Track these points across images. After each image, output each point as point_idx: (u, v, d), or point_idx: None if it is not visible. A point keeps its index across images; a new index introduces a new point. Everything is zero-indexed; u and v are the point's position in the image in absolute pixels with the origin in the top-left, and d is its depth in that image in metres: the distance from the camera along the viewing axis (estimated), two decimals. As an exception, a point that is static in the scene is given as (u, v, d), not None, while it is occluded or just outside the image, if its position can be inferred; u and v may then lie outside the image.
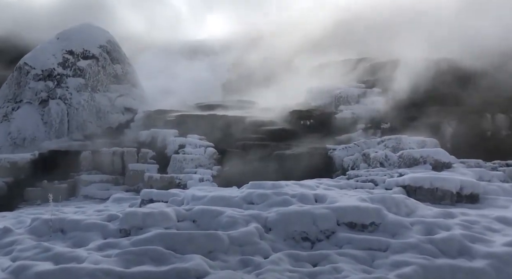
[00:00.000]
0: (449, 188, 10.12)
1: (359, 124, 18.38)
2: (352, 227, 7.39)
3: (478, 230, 7.06)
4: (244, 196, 8.76)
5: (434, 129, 17.42)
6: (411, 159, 12.78)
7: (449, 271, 5.74)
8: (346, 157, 14.54)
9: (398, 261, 6.01)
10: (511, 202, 9.65)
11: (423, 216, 7.86)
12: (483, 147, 16.26)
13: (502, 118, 18.13)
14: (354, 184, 11.69)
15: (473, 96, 18.62)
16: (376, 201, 8.28)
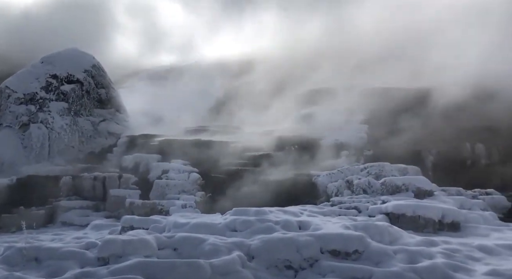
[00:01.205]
0: (431, 216, 10.23)
1: (343, 151, 18.57)
2: (335, 255, 7.34)
3: (460, 259, 7.10)
4: (227, 223, 8.65)
5: (416, 157, 17.75)
6: (393, 186, 12.90)
7: (432, 301, 5.72)
8: (330, 183, 14.59)
9: (381, 291, 5.96)
10: (491, 231, 9.80)
11: (406, 244, 7.88)
12: (463, 176, 16.59)
13: (481, 147, 18.61)
14: (337, 211, 11.70)
15: (453, 126, 19.13)
16: (360, 229, 8.27)
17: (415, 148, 18.25)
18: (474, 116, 19.02)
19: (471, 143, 18.48)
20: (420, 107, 20.14)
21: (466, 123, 18.92)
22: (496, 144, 18.42)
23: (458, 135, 18.50)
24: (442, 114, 20.16)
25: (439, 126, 19.31)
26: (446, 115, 20.03)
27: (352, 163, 17.33)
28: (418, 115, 20.41)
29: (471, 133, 18.51)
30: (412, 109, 20.51)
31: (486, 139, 18.50)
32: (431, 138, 18.78)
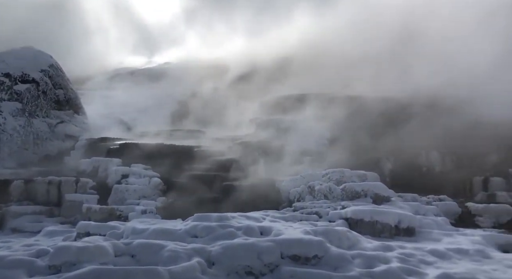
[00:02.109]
0: (388, 222, 10.56)
1: (306, 157, 18.85)
2: (296, 260, 7.40)
3: (414, 263, 7.37)
4: (188, 229, 8.51)
5: (375, 163, 18.32)
6: (353, 192, 13.22)
7: (387, 304, 5.88)
8: (293, 189, 14.74)
9: (339, 295, 6.07)
10: (443, 235, 10.24)
11: (363, 249, 8.08)
12: (419, 182, 17.28)
13: (436, 155, 19.51)
14: (299, 216, 11.85)
15: (410, 134, 19.94)
16: (320, 234, 8.41)
17: (375, 155, 18.84)
18: (430, 125, 19.92)
19: (426, 151, 19.33)
20: (380, 115, 20.84)
21: (422, 131, 19.78)
22: (449, 152, 19.37)
23: (414, 143, 19.30)
24: (400, 122, 20.97)
25: (397, 134, 20.06)
26: (404, 124, 20.86)
27: (315, 169, 17.62)
28: (378, 122, 21.12)
29: (426, 141, 19.34)
30: (373, 117, 21.21)
31: (440, 147, 19.41)
32: (390, 145, 19.48)
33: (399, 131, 20.38)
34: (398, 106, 21.78)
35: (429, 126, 19.82)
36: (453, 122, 19.33)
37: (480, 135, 18.87)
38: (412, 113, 20.90)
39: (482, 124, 19.08)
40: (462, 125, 19.43)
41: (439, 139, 19.38)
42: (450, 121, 19.52)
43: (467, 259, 8.04)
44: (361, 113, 21.81)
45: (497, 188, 16.48)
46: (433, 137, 19.40)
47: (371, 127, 20.88)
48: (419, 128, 20.20)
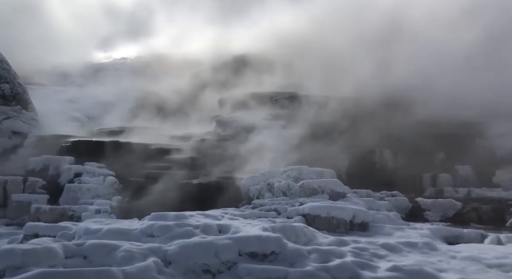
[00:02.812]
0: (343, 217, 10.89)
1: (266, 154, 18.98)
2: (253, 257, 7.43)
3: (367, 257, 7.62)
4: (144, 229, 8.30)
5: (332, 161, 18.79)
6: (310, 189, 13.49)
7: (341, 297, 6.05)
8: (252, 186, 14.80)
9: (295, 290, 6.17)
10: (395, 230, 10.70)
11: (319, 244, 8.25)
12: (373, 179, 17.95)
13: (389, 153, 20.35)
14: (258, 213, 11.93)
15: (365, 133, 20.64)
16: (277, 230, 8.49)
17: (331, 152, 19.32)
18: (384, 124, 20.73)
19: (380, 148, 20.10)
20: (337, 114, 21.39)
21: (377, 130, 20.55)
22: (401, 150, 20.26)
23: (369, 141, 20.00)
24: (356, 121, 21.65)
25: (353, 132, 20.70)
26: (359, 122, 21.56)
27: (274, 166, 17.79)
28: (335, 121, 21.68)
29: (380, 139, 20.11)
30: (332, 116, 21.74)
31: (392, 145, 20.26)
32: (346, 143, 20.06)
33: (355, 129, 21.05)
34: (355, 105, 22.48)
35: (383, 125, 20.62)
36: (405, 121, 20.24)
37: (429, 134, 19.91)
38: (367, 112, 21.64)
39: (432, 124, 20.14)
40: (414, 125, 20.40)
41: (392, 137, 20.22)
42: (403, 120, 20.43)
43: (416, 251, 8.44)
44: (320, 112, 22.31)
45: (445, 184, 17.47)
46: (386, 135, 20.21)
47: (329, 125, 21.40)
48: (374, 127, 20.98)
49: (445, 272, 6.97)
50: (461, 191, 16.45)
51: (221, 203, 13.93)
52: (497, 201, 14.11)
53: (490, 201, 14.17)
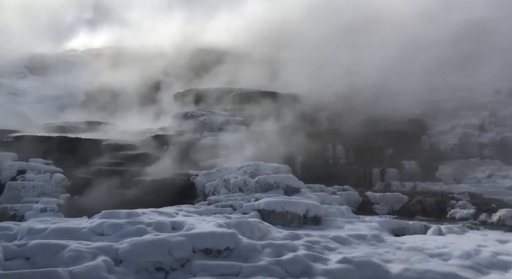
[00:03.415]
0: (297, 212, 11.13)
1: (222, 151, 18.93)
2: (208, 253, 7.42)
3: (318, 250, 7.85)
4: (94, 227, 8.02)
5: (288, 156, 19.11)
6: (266, 184, 13.64)
7: (293, 290, 6.20)
8: (208, 183, 14.72)
9: (248, 285, 6.24)
10: (345, 223, 11.10)
11: (274, 238, 8.39)
12: (326, 174, 18.47)
13: (341, 148, 21.01)
14: (214, 209, 11.91)
15: (318, 129, 21.17)
16: (232, 226, 8.53)
17: (288, 148, 19.64)
18: (337, 121, 21.38)
19: (333, 144, 20.71)
20: (291, 110, 21.76)
21: (330, 126, 21.16)
22: (352, 146, 21.00)
23: (322, 137, 20.55)
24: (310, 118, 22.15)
25: (308, 128, 21.16)
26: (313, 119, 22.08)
27: (231, 162, 17.79)
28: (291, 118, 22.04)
29: (333, 135, 20.72)
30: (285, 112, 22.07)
31: (344, 141, 20.95)
32: (301, 139, 20.47)
33: (310, 126, 21.54)
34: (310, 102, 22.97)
35: (336, 121, 21.26)
36: (357, 118, 21.00)
37: (379, 130, 20.80)
38: (321, 109, 22.20)
39: (381, 121, 21.04)
40: (364, 122, 21.21)
41: (344, 134, 20.91)
42: (354, 117, 21.17)
43: (365, 243, 8.82)
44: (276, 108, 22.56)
45: (392, 178, 18.33)
46: (339, 132, 20.87)
47: (285, 122, 21.71)
48: (327, 124, 21.58)
49: (391, 263, 7.34)
50: (407, 185, 17.33)
51: (175, 200, 13.71)
52: (439, 194, 15.03)
53: (433, 195, 15.08)
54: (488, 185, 16.24)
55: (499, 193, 14.79)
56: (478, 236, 10.02)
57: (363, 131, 20.54)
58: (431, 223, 11.28)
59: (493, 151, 19.90)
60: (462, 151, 20.37)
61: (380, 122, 20.95)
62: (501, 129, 20.66)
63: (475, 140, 20.48)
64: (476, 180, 17.17)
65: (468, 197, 14.12)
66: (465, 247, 8.18)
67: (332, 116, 21.59)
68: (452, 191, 15.31)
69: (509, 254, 7.89)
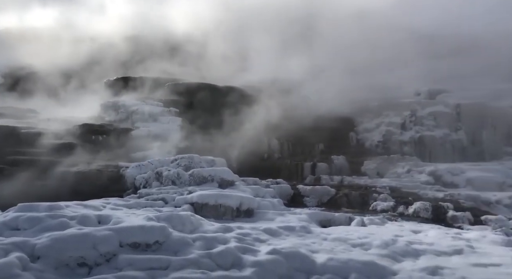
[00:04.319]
0: (230, 205, 11.18)
1: (155, 142, 18.38)
2: (136, 247, 7.16)
3: (249, 242, 7.96)
4: (7, 221, 7.36)
5: (224, 149, 19.13)
6: (200, 177, 13.52)
7: (223, 282, 6.23)
8: (139, 175, 14.21)
9: (177, 278, 6.14)
10: (277, 215, 11.39)
11: (205, 231, 8.34)
12: (261, 167, 18.82)
13: (276, 143, 21.52)
14: (144, 203, 11.53)
15: (254, 123, 21.43)
16: (163, 220, 8.33)
17: (224, 141, 19.65)
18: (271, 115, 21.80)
19: (268, 138, 21.12)
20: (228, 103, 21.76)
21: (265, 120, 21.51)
22: (287, 140, 21.60)
23: (258, 131, 20.85)
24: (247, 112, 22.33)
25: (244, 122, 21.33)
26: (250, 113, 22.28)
27: (164, 154, 17.35)
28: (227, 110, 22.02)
29: (268, 130, 21.12)
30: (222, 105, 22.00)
31: (279, 136, 21.47)
32: (237, 132, 20.59)
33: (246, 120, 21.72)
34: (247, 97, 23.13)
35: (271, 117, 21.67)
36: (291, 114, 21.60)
37: (311, 126, 21.61)
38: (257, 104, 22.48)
39: (313, 117, 21.86)
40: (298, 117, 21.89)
41: (279, 128, 21.43)
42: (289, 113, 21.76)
43: (294, 235, 9.11)
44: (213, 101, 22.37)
45: (322, 172, 19.18)
46: (273, 126, 21.32)
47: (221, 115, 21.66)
48: (262, 118, 21.92)
49: (317, 253, 7.67)
50: (335, 179, 18.24)
51: (103, 193, 13.06)
52: (363, 188, 16.02)
53: (358, 188, 16.03)
54: (406, 179, 17.65)
55: (416, 187, 16.15)
56: (396, 226, 10.84)
57: (297, 127, 21.21)
58: (355, 215, 11.96)
59: (412, 148, 21.68)
60: (385, 148, 21.94)
61: (312, 119, 21.76)
62: (420, 128, 22.54)
63: (397, 138, 22.15)
64: (396, 175, 18.57)
65: (388, 191, 15.21)
66: (384, 237, 8.80)
67: (268, 110, 21.97)
68: (375, 185, 16.40)
69: (421, 243, 8.64)
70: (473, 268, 7.05)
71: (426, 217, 12.41)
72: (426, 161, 20.22)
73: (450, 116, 22.76)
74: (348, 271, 6.86)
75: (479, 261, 7.43)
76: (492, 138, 22.11)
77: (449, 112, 22.87)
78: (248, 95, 22.61)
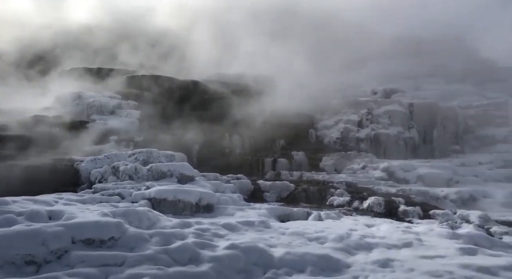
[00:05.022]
0: (190, 200, 11.08)
1: (112, 136, 17.84)
2: (89, 243, 6.95)
3: (208, 237, 7.94)
4: None
5: (184, 144, 18.89)
6: (159, 172, 13.29)
7: (180, 278, 6.19)
8: (94, 169, 13.74)
9: (132, 275, 6.03)
10: (236, 210, 11.43)
11: (162, 227, 8.23)
12: (222, 162, 18.78)
13: (237, 139, 21.54)
14: (99, 198, 11.19)
15: (216, 117, 21.34)
16: (119, 215, 8.13)
17: (184, 136, 19.41)
18: (234, 110, 21.80)
19: (230, 134, 21.11)
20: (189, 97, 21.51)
21: (227, 116, 21.48)
22: (248, 136, 21.68)
23: (220, 127, 20.79)
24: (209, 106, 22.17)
25: (205, 117, 21.17)
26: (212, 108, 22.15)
27: (121, 148, 16.89)
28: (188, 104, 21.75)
29: (230, 125, 21.10)
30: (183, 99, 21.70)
31: (241, 131, 21.51)
32: (199, 127, 20.40)
33: (207, 114, 21.57)
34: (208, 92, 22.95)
35: (233, 112, 21.66)
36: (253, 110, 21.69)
37: (273, 122, 21.83)
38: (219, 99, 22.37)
39: (275, 113, 22.10)
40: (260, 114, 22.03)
41: (241, 124, 21.48)
42: (251, 109, 21.84)
43: (252, 230, 9.19)
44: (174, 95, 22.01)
45: (283, 168, 19.46)
46: (236, 122, 21.34)
47: (182, 109, 21.36)
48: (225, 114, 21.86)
49: (275, 247, 7.80)
50: (295, 174, 18.56)
51: (56, 188, 12.52)
52: (321, 183, 16.42)
53: (316, 183, 16.40)
54: (362, 175, 18.30)
55: (370, 182, 16.78)
56: (351, 221, 11.21)
57: (259, 122, 21.35)
58: (313, 210, 12.24)
59: (368, 145, 22.49)
60: (343, 145, 22.60)
61: (274, 115, 21.99)
62: (375, 126, 23.41)
63: (354, 135, 22.88)
64: (353, 171, 19.20)
65: (345, 186, 15.70)
66: (339, 231, 9.09)
67: (230, 106, 21.94)
68: (332, 180, 16.87)
69: (373, 237, 9.01)
70: (421, 260, 7.45)
71: (379, 211, 12.93)
72: (381, 158, 21.05)
73: (404, 115, 23.81)
74: (304, 265, 7.03)
75: (426, 253, 7.86)
76: (442, 136, 23.39)
77: (403, 111, 23.91)
78: (210, 90, 22.45)
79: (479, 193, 15.45)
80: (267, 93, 23.57)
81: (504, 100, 24.79)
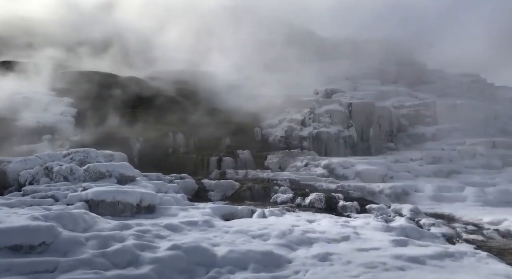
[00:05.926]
0: (130, 201, 10.66)
1: (45, 135, 16.74)
2: (17, 250, 6.44)
3: (149, 238, 7.70)
4: None
5: (124, 144, 18.19)
6: (97, 173, 12.68)
7: (118, 281, 5.94)
8: (24, 170, 12.79)
9: (66, 281, 5.68)
10: (180, 210, 11.19)
11: (100, 230, 7.85)
12: (165, 162, 18.35)
13: (181, 137, 21.16)
14: (29, 201, 10.42)
15: (159, 116, 20.78)
16: (51, 219, 7.62)
17: (124, 135, 18.68)
18: (178, 109, 21.39)
19: (173, 133, 20.68)
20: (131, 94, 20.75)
21: (171, 114, 21.01)
22: (192, 135, 21.39)
23: (163, 125, 20.28)
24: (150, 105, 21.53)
25: (147, 115, 20.53)
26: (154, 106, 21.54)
27: (55, 148, 15.90)
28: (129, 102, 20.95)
29: (174, 124, 20.67)
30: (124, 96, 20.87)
31: (185, 130, 21.16)
32: (140, 125, 19.75)
33: (149, 112, 20.95)
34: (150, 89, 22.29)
35: (177, 110, 21.24)
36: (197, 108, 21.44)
37: (218, 121, 21.74)
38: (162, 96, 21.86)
39: (220, 112, 22.03)
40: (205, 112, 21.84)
41: (185, 123, 21.14)
42: (195, 107, 21.58)
43: (196, 229, 9.06)
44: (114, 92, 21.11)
45: (228, 166, 19.44)
46: (179, 121, 20.95)
47: (123, 106, 20.53)
48: (168, 112, 21.38)
49: (218, 246, 7.75)
50: (240, 173, 18.63)
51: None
52: (266, 181, 16.64)
53: (261, 181, 16.60)
54: (304, 172, 18.81)
55: (312, 179, 17.31)
56: (293, 217, 11.47)
57: (204, 121, 21.14)
58: (257, 207, 12.34)
59: (310, 143, 23.18)
60: (287, 143, 23.11)
61: (219, 113, 21.91)
62: (317, 125, 24.19)
63: (297, 134, 23.48)
64: (296, 168, 19.68)
65: (288, 183, 16.05)
66: (282, 227, 9.25)
67: (174, 104, 21.50)
68: (276, 178, 17.16)
69: (314, 232, 9.29)
70: (357, 252, 7.81)
71: (320, 207, 13.37)
72: (322, 155, 21.80)
73: (343, 114, 24.87)
74: (247, 262, 7.07)
75: (362, 246, 8.26)
76: (378, 134, 24.75)
77: (343, 110, 24.96)
78: (153, 87, 21.83)
79: (410, 187, 16.56)
80: (212, 91, 23.42)
81: (433, 100, 26.78)
